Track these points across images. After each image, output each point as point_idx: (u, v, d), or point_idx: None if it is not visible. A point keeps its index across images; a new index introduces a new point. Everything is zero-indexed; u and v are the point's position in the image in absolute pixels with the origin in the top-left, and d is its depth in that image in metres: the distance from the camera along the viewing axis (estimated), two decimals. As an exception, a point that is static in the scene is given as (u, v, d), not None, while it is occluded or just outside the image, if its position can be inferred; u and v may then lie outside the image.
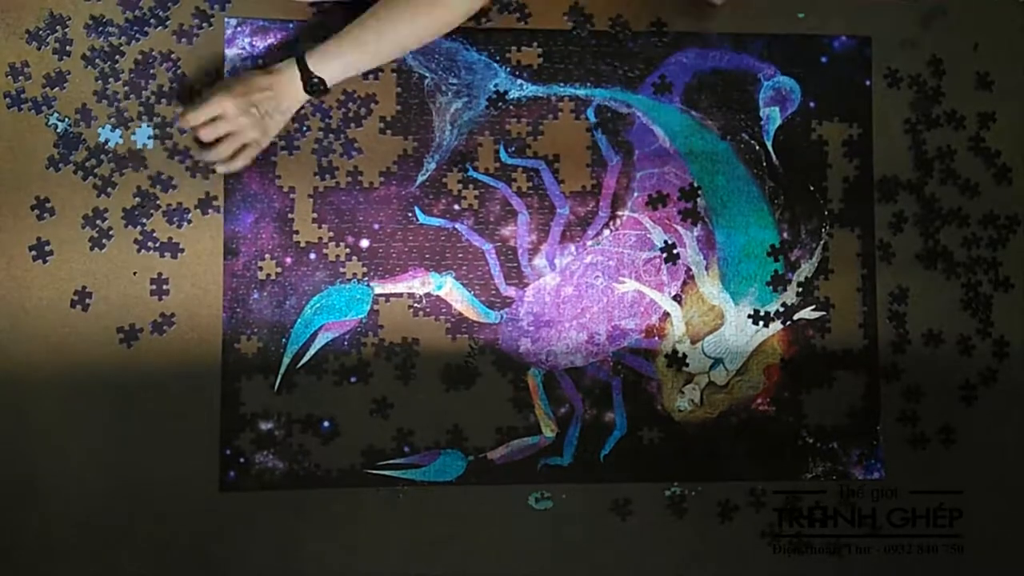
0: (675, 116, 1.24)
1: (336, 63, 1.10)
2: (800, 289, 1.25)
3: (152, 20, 1.18)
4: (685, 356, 1.23)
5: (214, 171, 1.16)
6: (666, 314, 1.23)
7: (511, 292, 1.21)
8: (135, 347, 1.15)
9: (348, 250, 1.19)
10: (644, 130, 1.24)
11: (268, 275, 1.17)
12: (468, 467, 1.19)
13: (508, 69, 1.22)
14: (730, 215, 1.24)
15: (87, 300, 1.15)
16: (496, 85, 1.21)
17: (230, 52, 1.18)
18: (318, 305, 1.17)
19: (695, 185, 1.24)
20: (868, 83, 1.27)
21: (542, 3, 1.23)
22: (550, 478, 1.20)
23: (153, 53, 1.17)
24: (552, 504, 1.20)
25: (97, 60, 1.16)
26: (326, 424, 1.17)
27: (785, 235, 1.25)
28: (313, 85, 1.10)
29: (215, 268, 1.17)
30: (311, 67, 1.10)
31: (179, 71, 1.17)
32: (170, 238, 1.16)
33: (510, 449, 1.20)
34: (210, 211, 1.17)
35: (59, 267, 1.14)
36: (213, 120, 1.10)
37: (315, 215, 1.18)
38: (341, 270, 1.18)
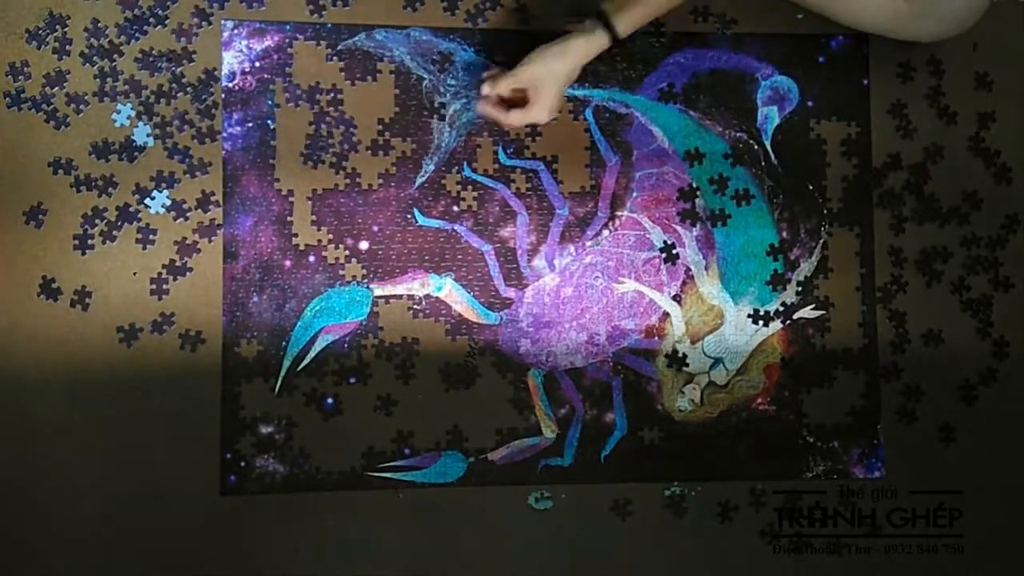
0: (674, 116, 1.24)
1: (634, 13, 1.11)
2: (800, 288, 1.25)
3: (151, 19, 1.18)
4: (685, 356, 1.23)
5: (209, 165, 1.16)
6: (666, 314, 1.23)
7: (511, 293, 1.21)
8: (135, 347, 1.15)
9: (347, 252, 1.18)
10: (643, 130, 1.23)
11: (267, 278, 1.17)
12: (469, 468, 1.19)
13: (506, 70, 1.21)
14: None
15: (86, 299, 1.15)
16: (495, 86, 1.21)
17: (227, 55, 1.18)
18: (318, 308, 1.17)
19: (694, 185, 1.24)
20: (865, 82, 1.27)
21: (542, 3, 1.23)
22: (551, 479, 1.20)
23: (152, 52, 1.17)
24: (552, 504, 1.20)
25: (96, 59, 1.16)
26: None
27: (784, 234, 1.25)
28: (617, 39, 1.11)
29: (215, 269, 1.17)
30: (612, 21, 1.10)
31: (179, 69, 1.17)
32: (170, 237, 1.16)
33: (511, 450, 1.20)
34: (210, 207, 1.17)
35: (59, 267, 1.15)
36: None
37: (314, 217, 1.18)
38: (340, 272, 1.18)
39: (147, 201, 1.16)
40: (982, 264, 1.27)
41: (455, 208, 1.21)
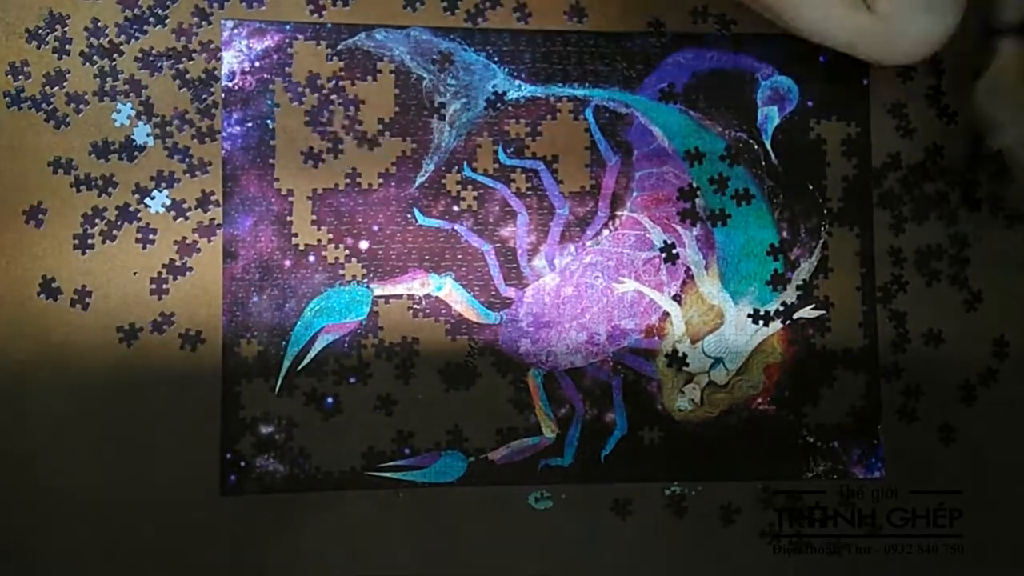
0: (674, 116, 1.24)
1: None
2: (800, 288, 1.25)
3: (151, 19, 1.18)
4: (685, 356, 1.23)
5: (209, 165, 1.16)
6: (666, 314, 1.23)
7: (511, 293, 1.21)
8: (135, 347, 1.15)
9: (347, 252, 1.18)
10: (643, 130, 1.23)
11: (267, 278, 1.17)
12: (469, 468, 1.19)
13: (506, 70, 1.22)
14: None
15: (86, 299, 1.15)
16: (494, 86, 1.21)
17: (227, 54, 1.18)
18: (318, 307, 1.17)
19: (694, 185, 1.24)
20: (865, 82, 1.27)
21: (542, 3, 1.23)
22: (551, 479, 1.20)
23: (152, 52, 1.17)
24: (552, 504, 1.20)
25: (96, 58, 1.16)
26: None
27: (784, 234, 1.25)
28: None
29: (215, 269, 1.17)
30: None
31: (179, 67, 1.17)
32: (170, 237, 1.16)
33: (511, 450, 1.20)
34: (210, 207, 1.17)
35: (59, 266, 1.14)
36: None
37: (314, 217, 1.18)
38: (340, 272, 1.18)
39: (147, 201, 1.16)
40: (983, 264, 1.27)
41: (455, 208, 1.20)
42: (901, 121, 1.28)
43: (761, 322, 1.24)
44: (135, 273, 1.16)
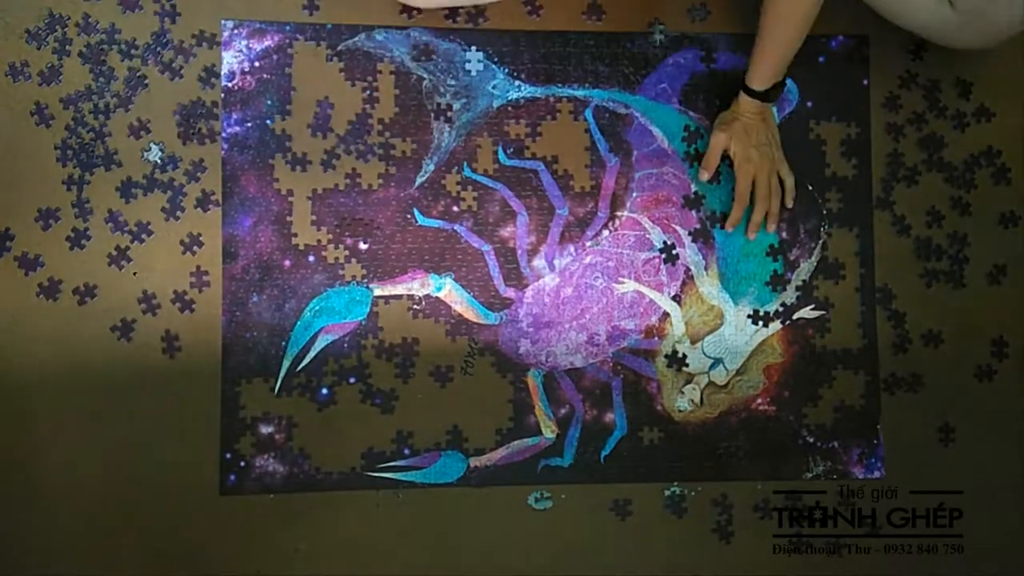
0: (673, 116, 1.24)
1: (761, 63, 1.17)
2: (799, 289, 1.25)
3: (150, 19, 1.18)
4: (685, 356, 1.23)
5: (209, 165, 1.16)
6: (666, 314, 1.23)
7: (510, 293, 1.21)
8: (135, 348, 1.15)
9: (347, 252, 1.18)
10: (643, 130, 1.23)
11: (267, 278, 1.17)
12: (469, 468, 1.19)
13: (506, 70, 1.22)
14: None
15: (86, 299, 1.15)
16: (494, 86, 1.21)
17: (227, 54, 1.18)
18: (317, 308, 1.17)
19: (693, 186, 1.24)
20: (866, 83, 1.27)
21: (542, 3, 1.23)
22: (551, 479, 1.20)
23: (152, 51, 1.17)
24: (552, 504, 1.20)
25: (95, 57, 1.16)
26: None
27: (784, 235, 1.25)
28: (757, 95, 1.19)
29: (215, 268, 1.17)
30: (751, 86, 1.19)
31: (178, 70, 1.17)
32: (169, 237, 1.16)
33: (510, 450, 1.20)
34: (209, 207, 1.17)
35: (58, 267, 1.15)
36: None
37: (314, 217, 1.18)
38: (340, 272, 1.18)
39: (147, 200, 1.16)
40: (981, 264, 1.27)
41: (455, 208, 1.21)
42: (900, 121, 1.27)
43: (761, 322, 1.24)
44: (135, 273, 1.16)
